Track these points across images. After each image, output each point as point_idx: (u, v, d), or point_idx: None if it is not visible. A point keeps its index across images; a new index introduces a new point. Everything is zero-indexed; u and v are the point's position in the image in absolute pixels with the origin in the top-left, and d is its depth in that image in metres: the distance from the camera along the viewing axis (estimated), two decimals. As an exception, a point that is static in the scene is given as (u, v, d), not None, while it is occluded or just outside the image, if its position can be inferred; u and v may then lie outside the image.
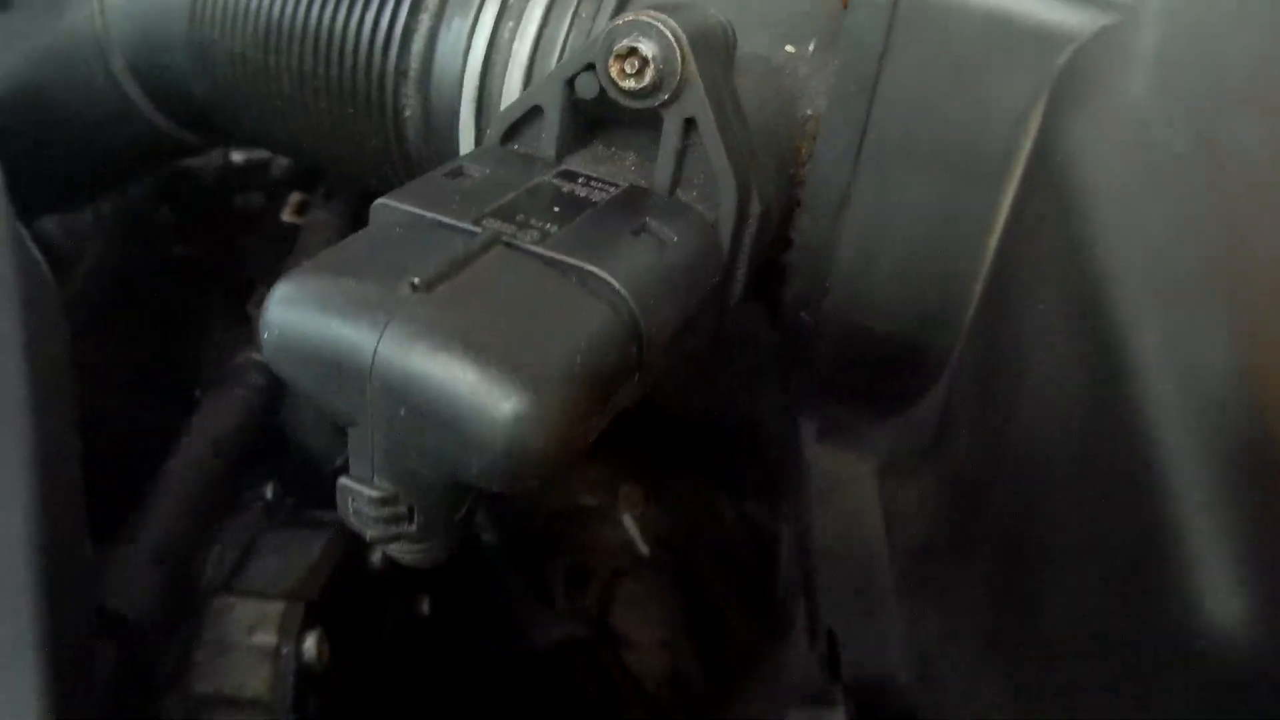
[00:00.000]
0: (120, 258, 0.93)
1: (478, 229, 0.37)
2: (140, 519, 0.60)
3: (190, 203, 1.02)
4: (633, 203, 0.42)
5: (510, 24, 0.55)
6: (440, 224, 0.38)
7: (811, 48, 0.51)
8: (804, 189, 0.49)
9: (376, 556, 0.77)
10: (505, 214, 0.39)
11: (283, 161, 1.02)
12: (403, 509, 0.35)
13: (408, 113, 0.60)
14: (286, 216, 0.86)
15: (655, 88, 0.41)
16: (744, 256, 0.45)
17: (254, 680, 0.62)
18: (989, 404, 0.45)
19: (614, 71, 0.41)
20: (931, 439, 0.56)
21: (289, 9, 0.60)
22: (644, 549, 1.25)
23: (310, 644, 0.64)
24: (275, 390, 0.75)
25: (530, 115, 0.45)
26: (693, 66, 0.41)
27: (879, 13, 0.43)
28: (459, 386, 0.31)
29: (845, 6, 0.45)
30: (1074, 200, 0.37)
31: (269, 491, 0.75)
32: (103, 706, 0.52)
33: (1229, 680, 0.27)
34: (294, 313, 0.34)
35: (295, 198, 0.88)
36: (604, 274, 0.36)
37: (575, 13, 0.54)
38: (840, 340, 0.53)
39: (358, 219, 0.89)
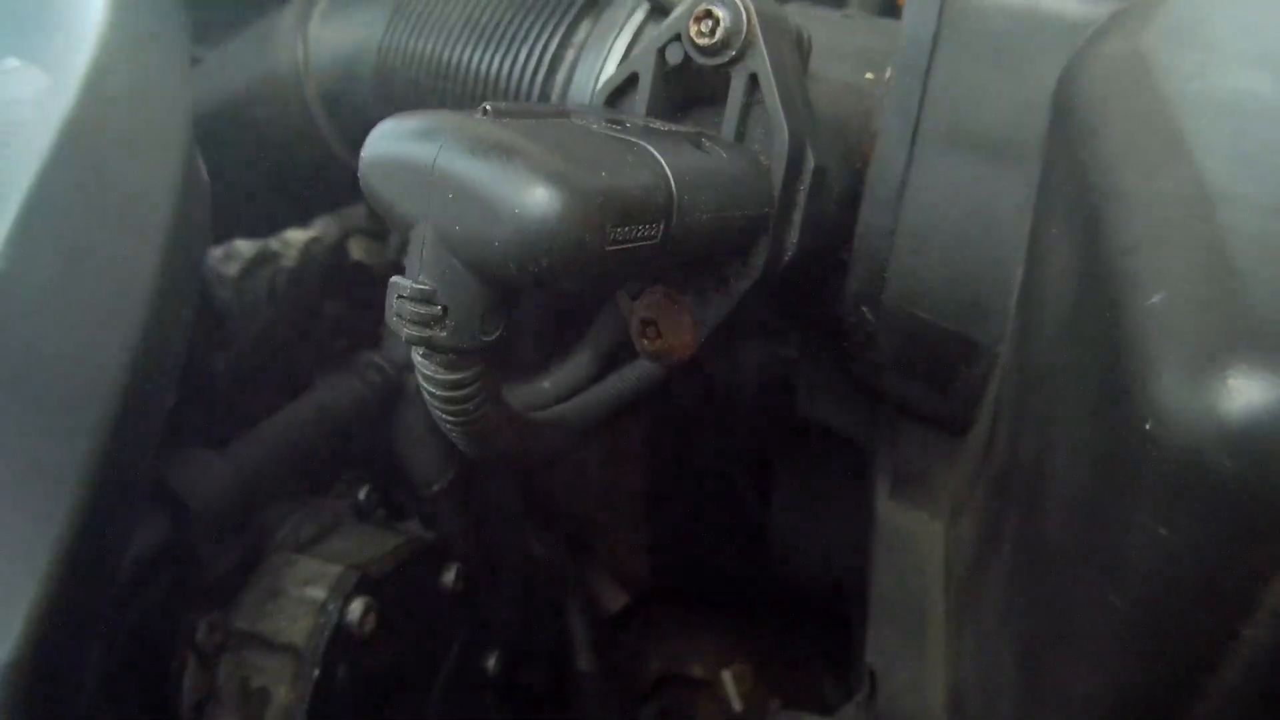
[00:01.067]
0: (283, 342, 1.07)
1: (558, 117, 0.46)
2: (235, 442, 0.69)
3: (360, 301, 1.16)
4: (697, 133, 0.49)
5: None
6: (525, 110, 0.47)
7: (888, 74, 0.59)
8: (866, 185, 0.56)
9: (450, 577, 0.82)
10: (585, 118, 0.47)
11: None
12: (437, 309, 0.42)
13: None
14: (355, 255, 0.98)
15: (724, 45, 0.50)
16: (799, 206, 0.51)
17: (293, 628, 0.67)
18: (1022, 382, 0.48)
19: (693, 31, 0.51)
20: (981, 457, 0.57)
21: (459, 44, 0.74)
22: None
23: (356, 607, 0.68)
24: (389, 395, 0.84)
25: (628, 83, 0.55)
26: (758, 32, 0.50)
27: (930, 8, 0.51)
28: (497, 172, 0.38)
29: (900, 3, 0.53)
30: (1080, 134, 0.42)
31: (362, 494, 0.82)
32: (134, 573, 0.58)
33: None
34: (384, 140, 0.42)
35: (361, 242, 1.00)
36: (649, 148, 0.43)
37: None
38: (898, 333, 0.57)
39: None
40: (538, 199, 0.37)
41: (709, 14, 0.50)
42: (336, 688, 0.67)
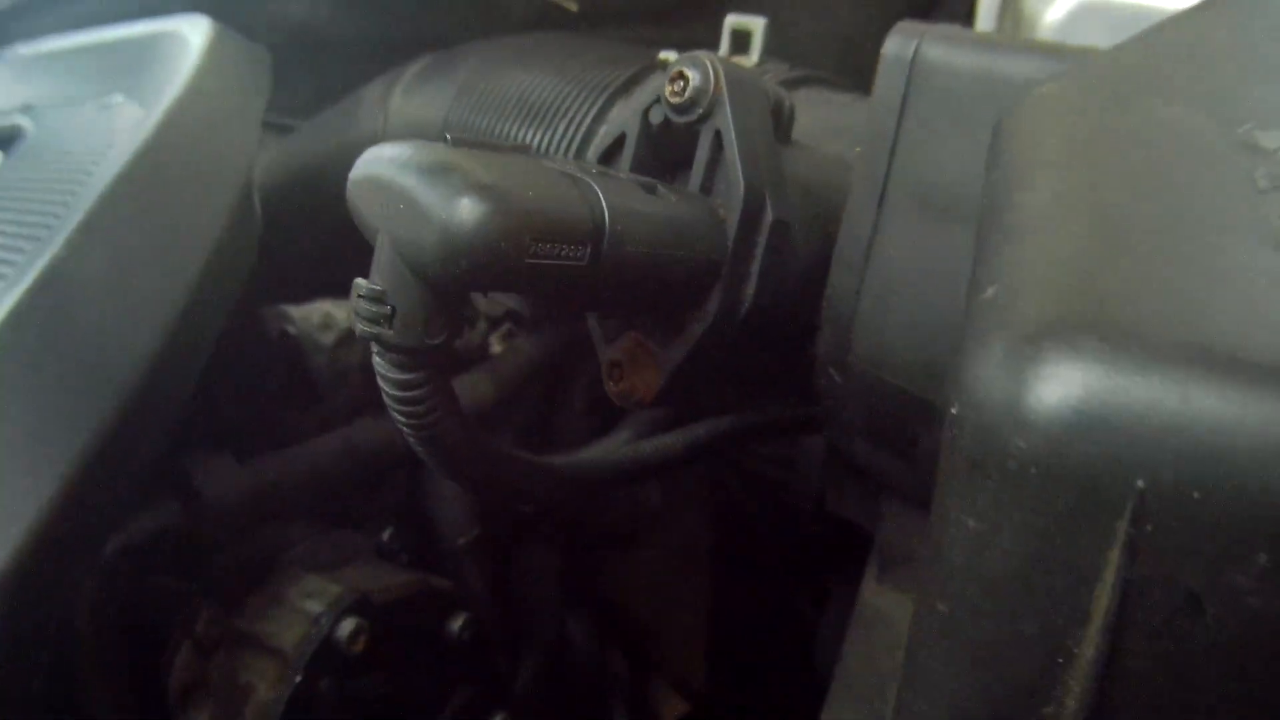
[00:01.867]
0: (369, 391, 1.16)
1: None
2: (261, 458, 0.75)
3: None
4: (651, 182, 0.54)
5: (656, 129, 0.73)
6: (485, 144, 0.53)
7: (877, 147, 0.63)
8: (836, 246, 0.59)
9: (457, 625, 0.85)
10: (547, 159, 0.53)
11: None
12: (387, 309, 0.47)
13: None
14: (495, 345, 1.05)
15: (693, 103, 0.55)
16: (757, 260, 0.55)
17: (285, 634, 0.72)
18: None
19: (668, 91, 0.56)
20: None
21: (508, 120, 0.82)
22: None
23: (347, 625, 0.73)
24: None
25: (617, 144, 0.60)
26: (724, 92, 0.55)
27: (899, 75, 0.55)
28: (434, 184, 0.44)
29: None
30: (992, 172, 0.44)
31: (386, 535, 0.88)
32: (141, 548, 0.65)
33: None
34: (361, 164, 0.49)
35: (501, 330, 1.08)
36: (590, 182, 0.48)
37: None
38: (864, 397, 0.59)
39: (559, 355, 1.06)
40: (461, 206, 0.43)
41: (681, 75, 0.55)
42: (317, 698, 0.70)
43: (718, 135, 0.55)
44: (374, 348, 0.49)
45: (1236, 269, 0.33)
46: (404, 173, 0.45)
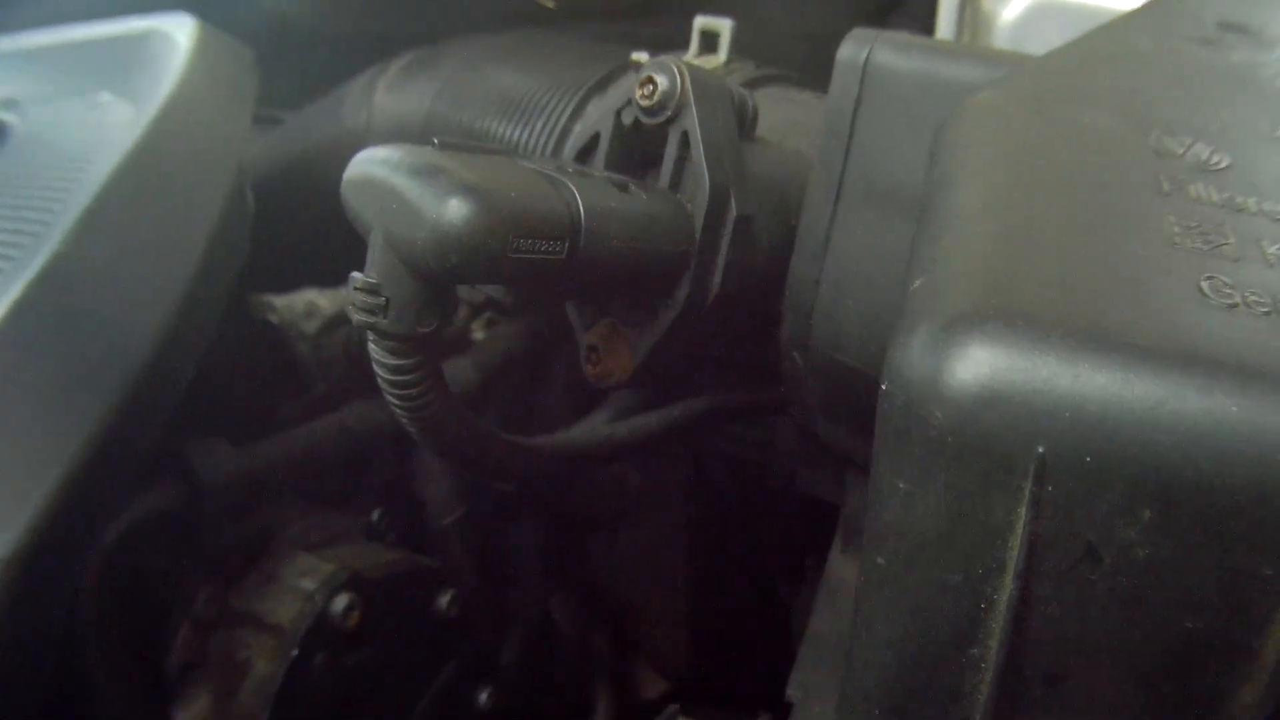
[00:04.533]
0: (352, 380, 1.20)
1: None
2: (255, 443, 0.80)
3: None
4: (624, 180, 0.59)
5: (629, 126, 0.78)
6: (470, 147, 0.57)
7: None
8: (796, 238, 0.64)
9: (445, 601, 0.90)
10: (526, 160, 0.58)
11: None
12: (381, 300, 0.52)
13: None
14: (477, 332, 1.10)
15: (662, 106, 0.60)
16: (722, 252, 0.60)
17: (281, 610, 0.76)
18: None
19: (638, 94, 0.61)
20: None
21: (489, 116, 0.87)
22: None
23: (341, 601, 0.78)
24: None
25: (592, 143, 0.65)
26: (690, 95, 0.60)
27: (853, 78, 0.60)
28: (425, 185, 0.49)
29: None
30: (929, 175, 0.49)
31: (375, 515, 0.92)
32: (141, 530, 0.69)
33: None
34: (356, 164, 0.54)
35: (483, 317, 1.12)
36: (567, 182, 0.53)
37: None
38: (823, 377, 0.64)
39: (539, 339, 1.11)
40: (450, 206, 0.48)
41: (650, 80, 0.60)
42: (313, 672, 0.75)
43: (684, 136, 0.60)
44: (369, 335, 0.54)
45: (1130, 264, 0.39)
46: (396, 174, 0.50)
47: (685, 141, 0.60)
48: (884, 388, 0.38)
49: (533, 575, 1.14)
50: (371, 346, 0.54)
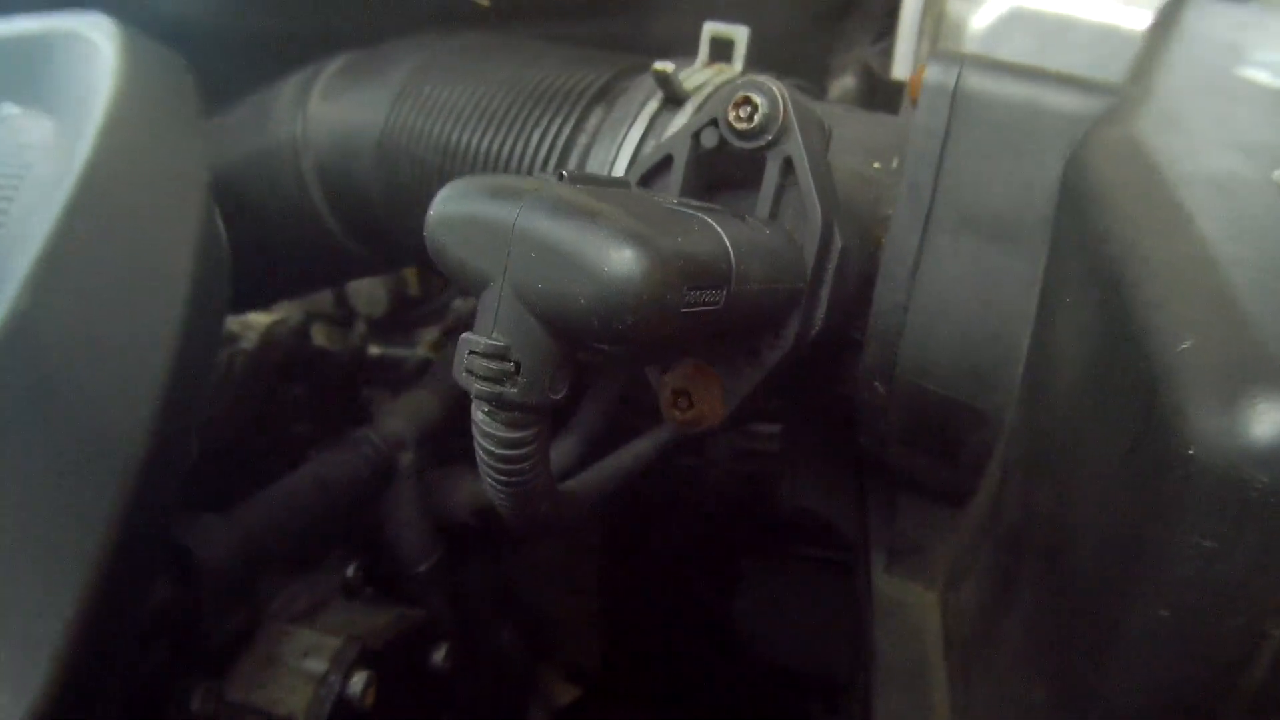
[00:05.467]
0: (241, 424, 1.08)
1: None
2: (238, 507, 0.69)
3: (321, 386, 1.17)
4: (740, 214, 0.54)
5: (652, 142, 0.72)
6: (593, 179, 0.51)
7: (895, 164, 0.65)
8: (881, 265, 0.61)
9: (440, 655, 0.82)
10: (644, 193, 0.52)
11: (414, 360, 1.19)
12: (510, 365, 0.45)
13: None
14: (422, 351, 1.01)
15: (762, 130, 0.55)
16: (826, 284, 0.56)
17: (291, 699, 0.67)
18: (1035, 442, 0.53)
19: (731, 117, 0.56)
20: (985, 521, 0.62)
21: (469, 125, 0.79)
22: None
23: (358, 681, 0.69)
24: (383, 472, 0.85)
25: (661, 165, 0.60)
26: (793, 118, 0.55)
27: (942, 103, 0.58)
28: (582, 232, 0.42)
29: (913, 100, 0.59)
30: (1093, 210, 0.48)
31: (350, 570, 0.83)
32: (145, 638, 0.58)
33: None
34: (456, 199, 0.46)
35: (431, 337, 1.03)
36: (711, 221, 0.48)
37: (703, 133, 0.70)
38: (908, 406, 0.62)
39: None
40: (625, 259, 0.41)
41: (748, 100, 0.55)
42: (336, 761, 0.66)
43: (787, 162, 0.56)
44: (481, 406, 0.47)
45: None
46: (538, 217, 0.43)
47: (786, 168, 0.56)
48: (1190, 453, 0.36)
49: (492, 608, 1.07)
50: (481, 417, 0.46)
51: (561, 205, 0.43)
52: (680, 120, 0.72)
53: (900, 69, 0.96)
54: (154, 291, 0.59)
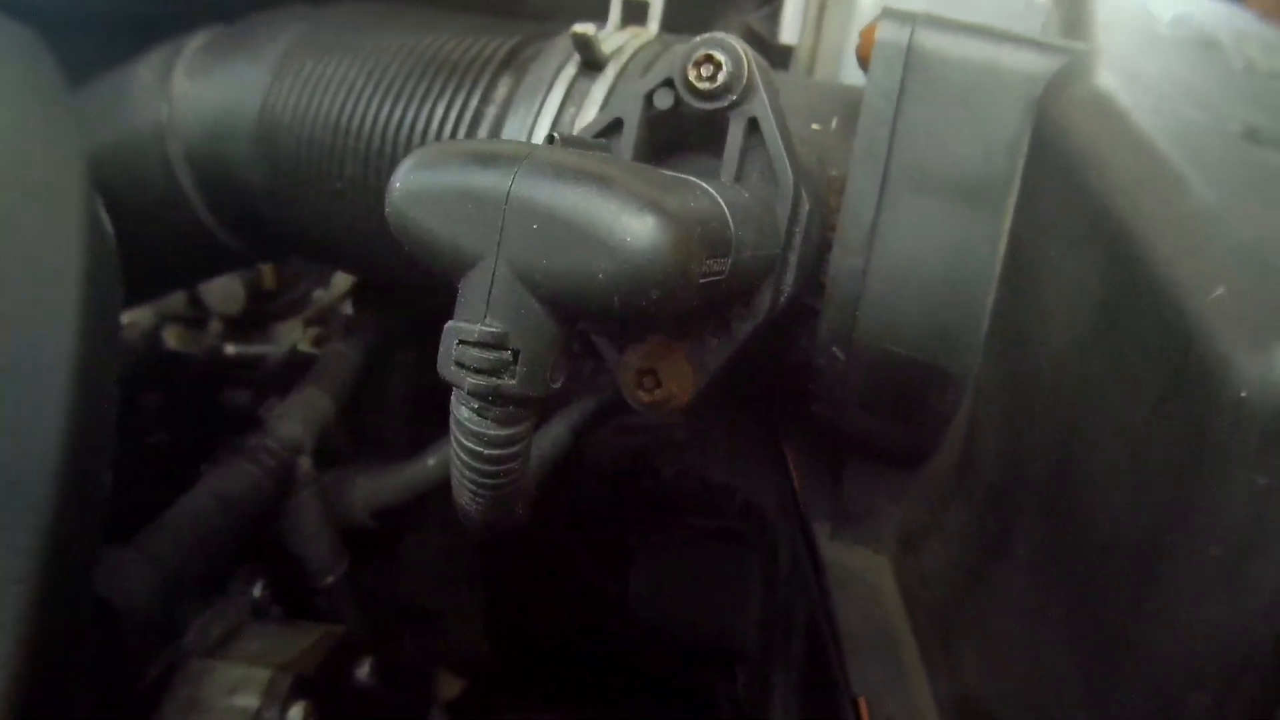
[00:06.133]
0: None
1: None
2: (144, 537, 0.60)
3: (177, 392, 1.06)
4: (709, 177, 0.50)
5: (572, 110, 0.67)
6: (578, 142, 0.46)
7: (834, 124, 0.63)
8: (837, 229, 0.59)
9: (364, 671, 0.76)
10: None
11: (275, 357, 1.10)
12: (507, 354, 0.39)
13: (466, 190, 0.69)
14: (303, 347, 0.92)
15: (726, 89, 0.52)
16: (796, 250, 0.53)
17: (224, 741, 0.59)
18: (1021, 396, 0.52)
19: (691, 75, 0.52)
20: (952, 481, 0.61)
21: (364, 99, 0.71)
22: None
23: (296, 714, 0.62)
24: (283, 480, 0.77)
25: (610, 129, 0.55)
26: (757, 76, 0.52)
27: (896, 61, 0.56)
28: (594, 199, 0.37)
29: (862, 59, 0.57)
30: (1085, 161, 0.47)
31: (257, 590, 0.75)
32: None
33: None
34: (429, 166, 0.40)
35: (311, 331, 0.94)
36: (706, 186, 0.44)
37: (631, 98, 0.66)
38: (869, 370, 0.60)
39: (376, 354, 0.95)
40: (648, 227, 0.37)
41: (710, 59, 0.52)
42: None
43: (752, 123, 0.52)
44: (469, 402, 0.41)
45: None
46: (538, 184, 0.38)
47: (751, 129, 0.52)
48: (1242, 395, 0.35)
49: (390, 613, 1.00)
50: (470, 415, 0.41)
51: (565, 170, 0.38)
52: (601, 85, 0.67)
53: (788, 33, 0.94)
54: (40, 302, 0.50)
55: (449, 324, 0.40)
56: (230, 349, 1.14)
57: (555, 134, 0.41)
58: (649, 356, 0.55)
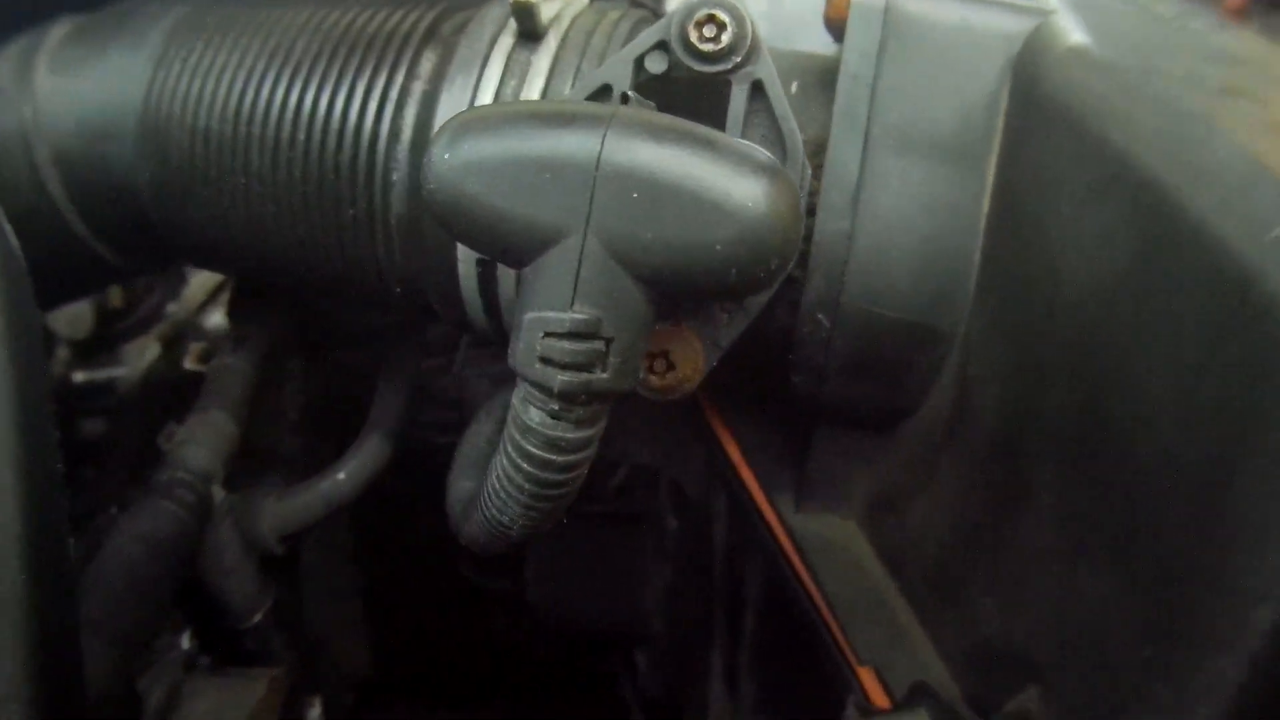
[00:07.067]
0: None
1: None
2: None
3: None
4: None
5: (513, 83, 0.62)
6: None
7: (795, 88, 0.61)
8: (819, 194, 0.57)
9: (315, 714, 0.68)
10: None
11: (130, 379, 0.97)
12: (600, 344, 0.35)
13: (395, 176, 0.62)
14: (189, 364, 0.81)
15: (730, 50, 0.49)
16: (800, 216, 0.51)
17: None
18: (1027, 348, 0.52)
19: (693, 37, 0.48)
20: (939, 438, 0.61)
21: (268, 82, 0.63)
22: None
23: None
24: (203, 513, 0.67)
25: (596, 96, 0.50)
26: (761, 37, 0.49)
27: (874, 22, 0.55)
28: (705, 163, 0.33)
29: (831, 20, 0.56)
30: (1097, 115, 0.47)
31: (185, 641, 0.65)
32: None
33: None
34: (485, 133, 0.35)
35: (197, 346, 0.84)
36: (765, 153, 0.41)
37: (579, 70, 0.61)
38: (856, 334, 0.59)
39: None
40: (767, 192, 0.34)
41: (712, 19, 0.48)
42: None
43: (755, 85, 0.49)
44: (547, 404, 0.36)
45: None
46: (636, 147, 0.34)
47: (754, 92, 0.49)
48: None
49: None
50: (541, 419, 0.36)
51: (663, 130, 0.34)
52: (544, 55, 0.62)
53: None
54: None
55: (530, 315, 0.35)
56: (79, 376, 1.00)
57: (628, 92, 0.37)
58: (660, 338, 0.51)
